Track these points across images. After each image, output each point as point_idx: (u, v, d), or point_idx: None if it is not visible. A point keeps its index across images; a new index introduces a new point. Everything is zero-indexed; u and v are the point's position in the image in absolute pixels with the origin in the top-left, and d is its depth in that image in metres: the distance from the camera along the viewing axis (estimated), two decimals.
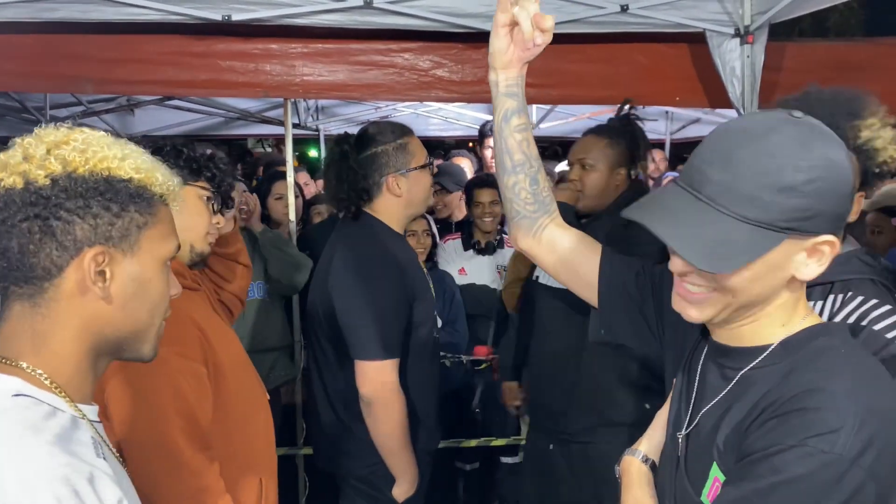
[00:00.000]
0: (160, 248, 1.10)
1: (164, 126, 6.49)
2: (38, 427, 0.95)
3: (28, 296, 1.03)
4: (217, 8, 3.04)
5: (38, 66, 3.29)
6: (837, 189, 1.05)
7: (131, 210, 1.06)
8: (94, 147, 1.04)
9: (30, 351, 1.03)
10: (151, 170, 1.09)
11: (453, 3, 3.13)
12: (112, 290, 1.05)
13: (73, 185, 1.01)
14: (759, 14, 3.17)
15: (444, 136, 7.59)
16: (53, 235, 1.01)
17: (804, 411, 1.01)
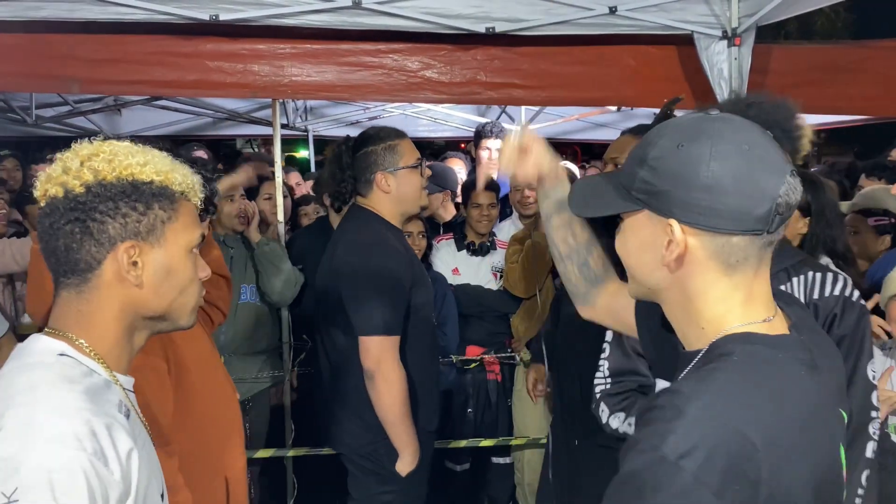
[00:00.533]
0: (184, 238, 1.27)
1: (152, 126, 6.46)
2: (73, 380, 1.15)
3: (74, 285, 1.22)
4: (204, 7, 3.03)
5: (23, 66, 3.27)
6: (683, 174, 1.05)
7: (155, 208, 1.23)
8: (120, 156, 1.22)
9: (75, 326, 1.22)
10: (171, 171, 1.26)
11: (442, 3, 3.13)
12: (144, 277, 1.23)
13: (104, 190, 1.19)
14: (747, 16, 3.18)
15: (434, 136, 7.59)
16: (91, 234, 1.19)
17: (651, 409, 1.02)
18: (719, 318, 1.09)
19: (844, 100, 3.88)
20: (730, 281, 1.08)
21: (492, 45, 3.39)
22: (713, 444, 0.94)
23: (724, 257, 1.07)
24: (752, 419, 0.97)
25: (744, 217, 1.04)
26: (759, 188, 1.03)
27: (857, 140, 16.31)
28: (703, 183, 1.04)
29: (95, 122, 6.29)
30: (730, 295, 1.09)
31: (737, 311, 1.09)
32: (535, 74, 3.52)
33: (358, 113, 6.56)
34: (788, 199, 1.05)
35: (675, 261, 1.09)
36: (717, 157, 1.04)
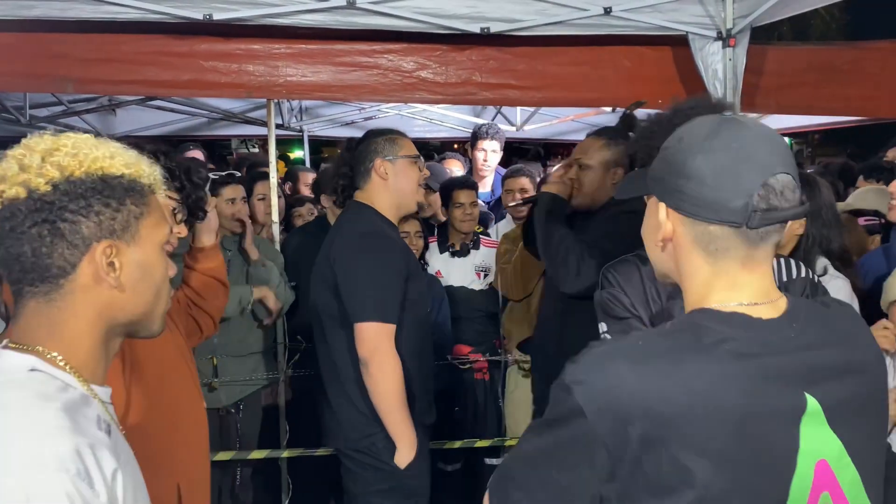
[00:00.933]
0: (156, 234, 1.21)
1: (147, 126, 6.44)
2: (49, 396, 1.06)
3: (43, 293, 1.12)
4: (198, 7, 3.01)
5: (17, 65, 3.26)
6: (675, 163, 1.17)
7: (128, 203, 1.16)
8: (85, 149, 1.13)
9: (46, 338, 1.12)
10: (138, 163, 1.19)
11: (437, 3, 3.12)
12: (122, 278, 1.15)
13: (73, 187, 1.10)
14: (741, 17, 3.19)
15: (429, 137, 7.58)
16: (63, 236, 1.10)
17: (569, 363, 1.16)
18: (697, 300, 1.19)
19: (839, 100, 3.89)
20: (712, 269, 1.17)
21: (487, 45, 3.39)
22: (599, 383, 1.09)
23: (704, 244, 1.16)
24: (641, 376, 1.08)
25: (720, 208, 1.12)
26: (736, 183, 1.11)
27: (851, 141, 16.36)
28: (687, 172, 1.15)
29: (90, 122, 6.27)
30: (712, 281, 1.17)
31: (716, 295, 1.17)
32: (530, 75, 3.52)
33: (353, 113, 6.55)
34: (770, 200, 1.11)
35: (663, 241, 1.21)
36: (705, 150, 1.14)
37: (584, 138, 2.98)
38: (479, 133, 4.98)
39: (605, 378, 1.09)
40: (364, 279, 2.52)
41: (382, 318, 2.50)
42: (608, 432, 1.07)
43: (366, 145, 2.72)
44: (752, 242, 1.14)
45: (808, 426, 1.10)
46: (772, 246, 1.17)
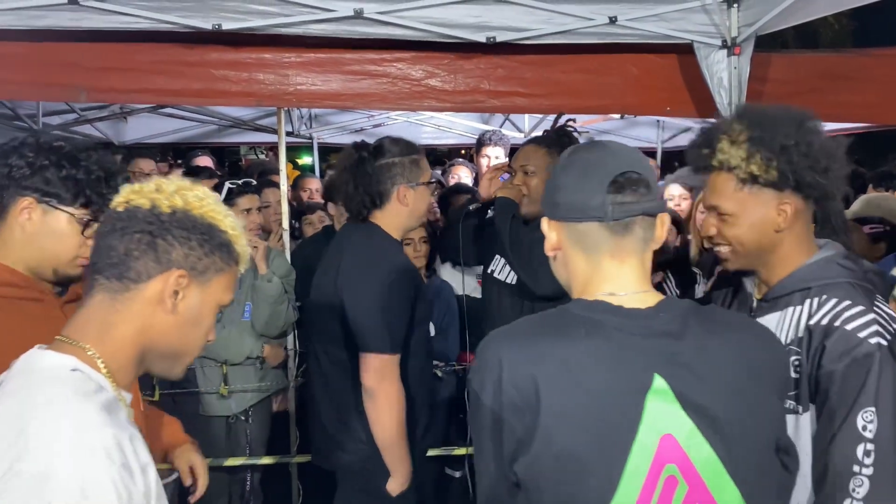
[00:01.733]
0: (220, 295, 1.34)
1: (157, 134, 6.50)
2: (88, 396, 1.16)
3: (113, 290, 1.25)
4: (207, 17, 3.05)
5: (30, 75, 3.31)
6: (549, 181, 1.45)
7: (216, 255, 1.31)
8: (209, 201, 1.32)
9: (95, 337, 1.24)
10: (241, 234, 1.35)
11: (443, 13, 3.15)
12: (179, 307, 1.28)
13: (186, 219, 1.27)
14: (746, 26, 3.20)
15: (437, 144, 7.61)
16: (155, 250, 1.25)
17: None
18: (579, 293, 1.39)
19: (845, 107, 3.88)
20: (587, 264, 1.37)
21: (495, 53, 3.42)
22: (481, 365, 1.30)
23: (581, 243, 1.37)
24: (510, 348, 1.29)
25: (583, 207, 1.34)
26: (591, 185, 1.34)
27: (860, 146, 16.28)
28: (556, 186, 1.39)
29: (101, 130, 6.33)
30: (589, 275, 1.37)
31: (592, 287, 1.37)
32: (538, 83, 3.55)
33: (362, 120, 6.58)
34: (622, 195, 1.32)
35: (553, 250, 1.43)
36: (566, 165, 1.40)
37: (522, 145, 3.01)
38: (483, 140, 5.01)
39: (486, 361, 1.30)
40: (372, 309, 2.46)
41: (390, 350, 2.47)
42: (497, 406, 1.26)
43: (388, 166, 2.59)
44: (618, 234, 1.34)
45: (654, 402, 1.24)
46: (639, 239, 1.34)
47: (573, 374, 1.25)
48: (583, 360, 1.26)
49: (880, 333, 1.56)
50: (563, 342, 1.28)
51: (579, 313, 1.32)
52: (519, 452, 1.25)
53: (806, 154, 1.62)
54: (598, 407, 1.24)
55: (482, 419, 1.29)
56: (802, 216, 1.70)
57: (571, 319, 1.32)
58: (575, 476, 1.22)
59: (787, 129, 1.63)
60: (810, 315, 1.63)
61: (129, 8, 2.96)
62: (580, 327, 1.30)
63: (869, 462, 1.51)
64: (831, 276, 1.66)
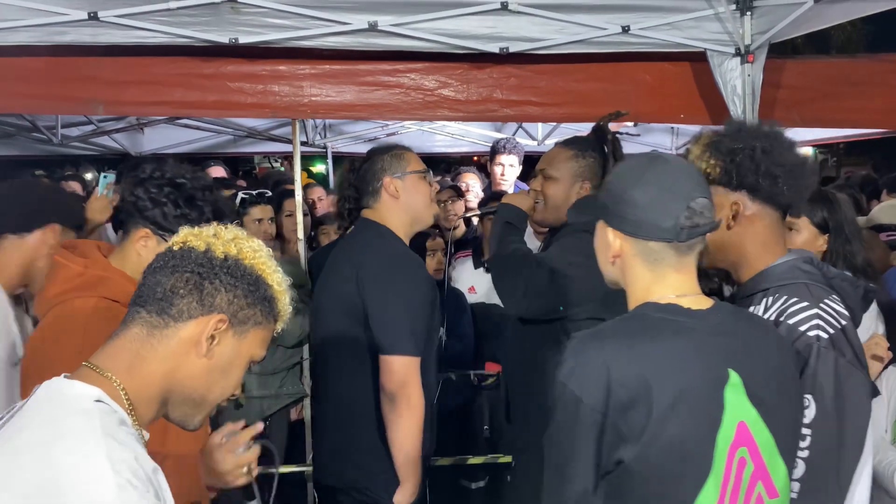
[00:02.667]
0: (255, 349, 1.35)
1: (174, 144, 6.56)
2: (112, 428, 1.16)
3: (151, 325, 1.27)
4: (224, 31, 3.09)
5: (49, 89, 3.36)
6: (617, 194, 1.50)
7: (259, 307, 1.32)
8: (262, 255, 1.35)
9: (124, 369, 1.24)
10: (285, 292, 1.37)
11: (456, 24, 3.17)
12: (214, 352, 1.29)
13: (236, 267, 1.30)
14: (760, 34, 3.20)
15: (450, 152, 7.63)
16: (200, 292, 1.28)
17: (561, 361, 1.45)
18: (641, 297, 1.49)
19: (861, 113, 3.89)
20: (651, 274, 1.49)
21: (507, 62, 3.44)
22: (582, 370, 1.39)
23: (645, 256, 1.48)
24: (611, 350, 1.39)
25: (655, 228, 1.45)
26: (665, 209, 1.44)
27: (877, 150, 16.18)
28: (627, 201, 1.47)
29: (119, 141, 6.41)
30: (653, 283, 1.49)
31: (655, 292, 1.48)
32: (550, 91, 3.56)
33: (376, 130, 6.62)
34: (693, 219, 1.44)
35: (613, 257, 1.52)
36: (641, 183, 1.46)
37: (551, 147, 2.81)
38: (497, 148, 5.02)
39: (587, 364, 1.39)
40: (397, 309, 2.41)
41: (413, 352, 2.40)
42: (604, 406, 1.36)
43: (371, 164, 2.65)
44: (682, 252, 1.47)
45: (730, 394, 1.40)
46: (696, 253, 1.50)
47: (675, 370, 1.38)
48: (678, 356, 1.40)
49: (821, 327, 1.66)
50: (659, 342, 1.41)
51: (660, 316, 1.45)
52: (620, 448, 1.36)
53: (751, 157, 1.74)
54: (695, 398, 1.38)
55: (582, 420, 1.37)
56: (761, 220, 1.78)
57: (656, 322, 1.44)
58: (680, 461, 1.36)
59: (741, 136, 1.79)
60: (763, 312, 1.74)
61: (147, 23, 3.00)
62: (666, 328, 1.43)
63: (804, 445, 1.61)
64: (790, 279, 1.76)
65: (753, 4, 3.20)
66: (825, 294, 1.73)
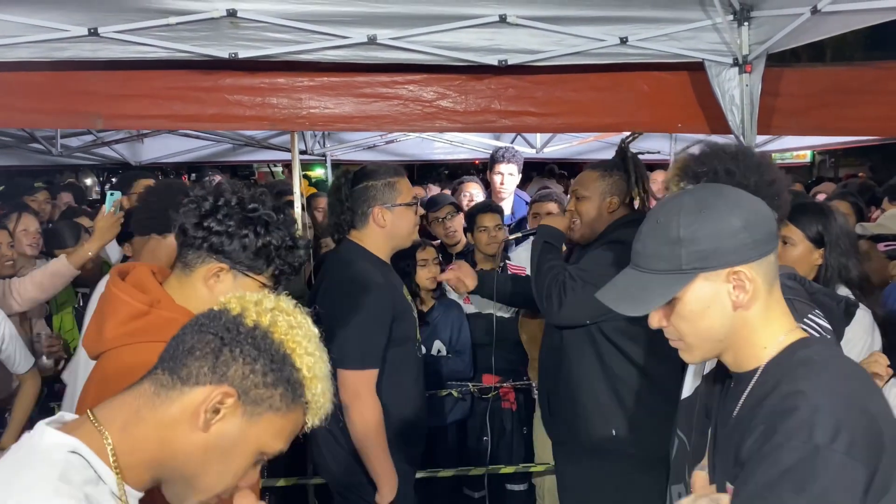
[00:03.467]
0: (268, 438, 1.18)
1: (173, 153, 6.58)
2: (72, 482, 1.05)
3: (160, 383, 1.16)
4: (224, 45, 3.10)
5: (49, 103, 3.36)
6: (722, 229, 1.33)
7: (278, 391, 1.16)
8: (299, 332, 1.20)
9: (120, 426, 1.14)
10: (319, 379, 1.20)
11: (455, 37, 3.18)
12: (212, 427, 1.14)
13: (261, 339, 1.16)
14: (757, 44, 3.21)
15: (449, 159, 7.66)
16: (216, 358, 1.15)
17: (785, 413, 1.22)
18: (771, 335, 1.35)
19: (859, 121, 3.90)
20: (769, 299, 1.35)
21: (506, 73, 3.44)
22: (851, 425, 1.19)
23: (767, 276, 1.35)
24: (865, 398, 1.24)
25: (771, 236, 1.36)
26: (765, 213, 1.37)
27: (874, 151, 16.19)
28: (739, 226, 1.32)
29: (118, 151, 6.42)
30: (771, 313, 1.36)
31: (776, 325, 1.36)
32: (549, 102, 3.56)
33: (375, 137, 6.62)
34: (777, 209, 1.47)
35: (750, 299, 1.33)
36: (731, 207, 1.35)
37: (583, 171, 3.10)
38: (496, 157, 5.03)
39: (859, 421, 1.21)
40: (346, 327, 2.56)
41: (362, 366, 2.57)
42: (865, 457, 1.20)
43: (364, 189, 2.74)
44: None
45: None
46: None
47: (883, 407, 1.29)
48: (876, 392, 1.33)
49: None
50: (860, 379, 1.32)
51: (833, 351, 1.41)
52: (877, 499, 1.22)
53: (714, 180, 1.80)
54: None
55: (856, 483, 1.19)
56: None
57: (840, 357, 1.37)
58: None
59: (707, 158, 1.86)
60: None
61: (148, 38, 3.01)
62: (851, 363, 1.36)
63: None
64: None
65: (751, 15, 3.21)
66: (808, 310, 1.75)
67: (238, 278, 1.71)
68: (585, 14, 3.18)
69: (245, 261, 1.69)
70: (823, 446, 1.17)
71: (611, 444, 2.71)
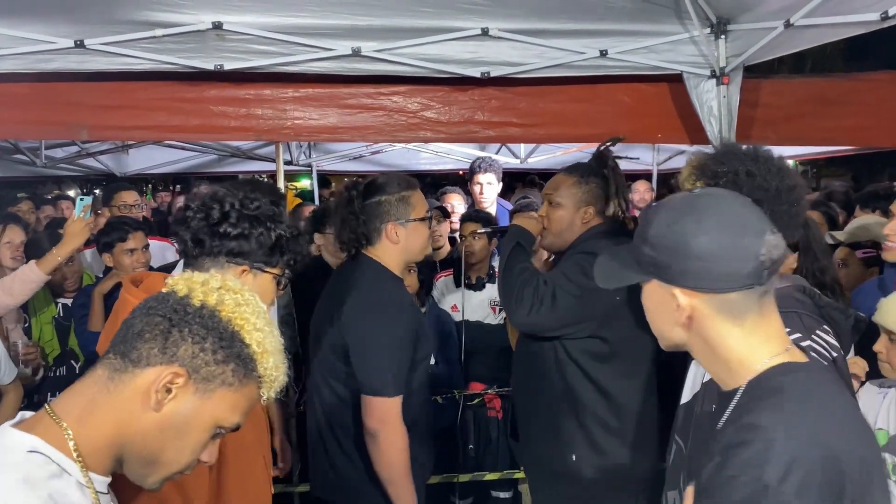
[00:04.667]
0: (223, 413, 1.20)
1: (158, 164, 6.58)
2: (36, 483, 1.06)
3: (113, 367, 1.18)
4: (209, 57, 3.13)
5: (33, 114, 3.37)
6: (679, 248, 1.26)
7: (229, 367, 1.18)
8: (247, 309, 1.22)
9: (76, 415, 1.15)
10: (270, 354, 1.22)
11: (438, 49, 3.23)
12: (165, 408, 1.16)
13: (208, 318, 1.18)
14: (734, 56, 3.28)
15: (434, 169, 7.69)
16: (166, 339, 1.17)
17: (739, 445, 1.16)
18: (746, 358, 1.27)
19: (836, 131, 3.96)
20: (742, 329, 1.27)
21: (488, 85, 3.49)
22: (806, 465, 1.11)
23: (728, 311, 1.26)
24: (830, 435, 1.15)
25: (735, 276, 1.23)
26: (743, 251, 1.23)
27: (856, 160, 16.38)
28: (696, 254, 1.24)
29: (103, 162, 6.42)
30: (747, 339, 1.27)
31: (760, 349, 1.27)
32: (531, 113, 3.61)
33: (361, 148, 6.66)
34: (772, 255, 1.23)
35: (687, 320, 1.28)
36: (705, 230, 1.24)
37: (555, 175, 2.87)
38: (475, 167, 5.09)
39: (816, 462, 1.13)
40: (377, 351, 2.45)
41: (393, 393, 2.44)
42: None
43: (377, 204, 2.59)
44: (763, 294, 1.27)
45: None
46: (774, 288, 1.30)
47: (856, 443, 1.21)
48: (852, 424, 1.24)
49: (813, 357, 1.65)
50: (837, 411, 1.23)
51: (818, 377, 1.27)
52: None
53: (734, 181, 1.73)
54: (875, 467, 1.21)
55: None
56: None
57: (822, 386, 1.25)
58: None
59: (727, 158, 1.77)
60: None
61: (134, 50, 3.04)
62: (834, 392, 1.26)
63: None
64: (783, 307, 1.76)
65: (727, 28, 3.28)
66: (817, 325, 1.73)
67: (258, 276, 1.75)
68: (566, 27, 3.24)
69: (261, 258, 1.74)
70: (772, 486, 1.11)
71: (574, 468, 2.60)
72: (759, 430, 1.16)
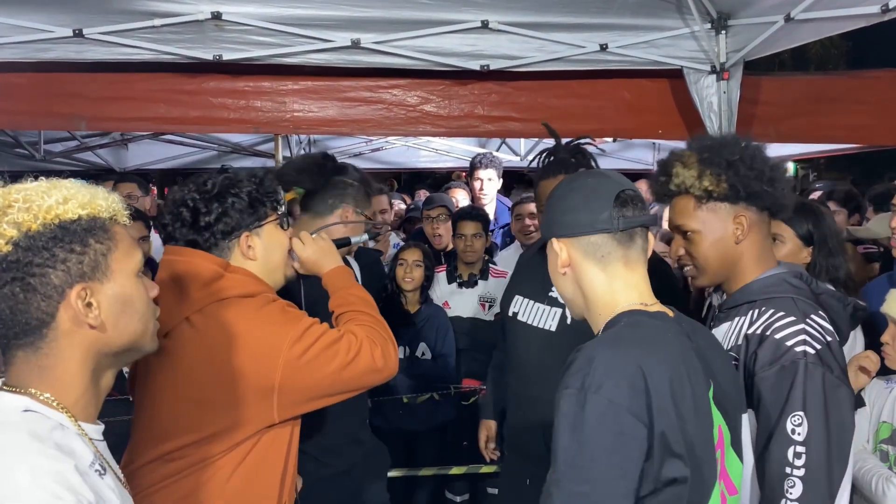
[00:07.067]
0: (128, 264, 1.21)
1: (158, 160, 6.56)
2: (42, 437, 1.07)
3: (29, 344, 1.14)
4: (208, 48, 3.13)
5: (32, 105, 3.37)
6: (556, 205, 1.53)
7: (92, 243, 1.16)
8: (37, 200, 1.13)
9: (38, 382, 1.14)
10: (93, 199, 1.18)
11: (437, 42, 3.23)
12: (102, 316, 1.16)
13: (34, 241, 1.11)
14: (734, 52, 3.27)
15: (435, 167, 7.68)
16: (35, 290, 1.12)
17: (568, 365, 1.34)
18: (609, 303, 1.46)
19: (837, 129, 3.95)
20: (606, 274, 1.47)
21: (489, 79, 3.49)
22: (617, 375, 1.27)
23: (592, 253, 1.47)
24: (639, 355, 1.30)
25: (594, 221, 1.46)
26: (599, 201, 1.46)
27: (857, 164, 16.36)
28: (565, 207, 1.50)
29: (102, 157, 6.40)
30: (610, 284, 1.47)
31: (620, 295, 1.46)
32: (531, 107, 3.61)
33: (360, 145, 6.65)
34: (625, 209, 1.45)
35: (563, 267, 1.51)
36: (573, 189, 1.52)
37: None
38: (475, 163, 5.07)
39: (623, 371, 1.28)
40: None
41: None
42: (647, 413, 1.26)
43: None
44: (624, 244, 1.46)
45: (712, 398, 1.41)
46: (640, 249, 1.48)
47: (686, 376, 1.34)
48: (681, 363, 1.36)
49: (807, 342, 1.66)
50: (668, 348, 1.36)
51: (654, 322, 1.42)
52: (669, 465, 1.27)
53: (751, 167, 1.74)
54: (702, 404, 1.36)
55: (626, 430, 1.24)
56: (758, 228, 1.79)
57: (657, 329, 1.41)
58: (699, 464, 1.32)
59: (732, 147, 1.77)
60: (750, 325, 1.74)
61: (132, 40, 3.04)
62: (666, 334, 1.40)
63: (800, 464, 1.60)
64: (778, 292, 1.77)
65: (728, 23, 3.27)
66: (812, 310, 1.73)
67: (261, 233, 1.82)
68: (566, 21, 3.23)
69: (250, 219, 1.80)
70: (590, 392, 1.26)
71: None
72: (585, 349, 1.34)
